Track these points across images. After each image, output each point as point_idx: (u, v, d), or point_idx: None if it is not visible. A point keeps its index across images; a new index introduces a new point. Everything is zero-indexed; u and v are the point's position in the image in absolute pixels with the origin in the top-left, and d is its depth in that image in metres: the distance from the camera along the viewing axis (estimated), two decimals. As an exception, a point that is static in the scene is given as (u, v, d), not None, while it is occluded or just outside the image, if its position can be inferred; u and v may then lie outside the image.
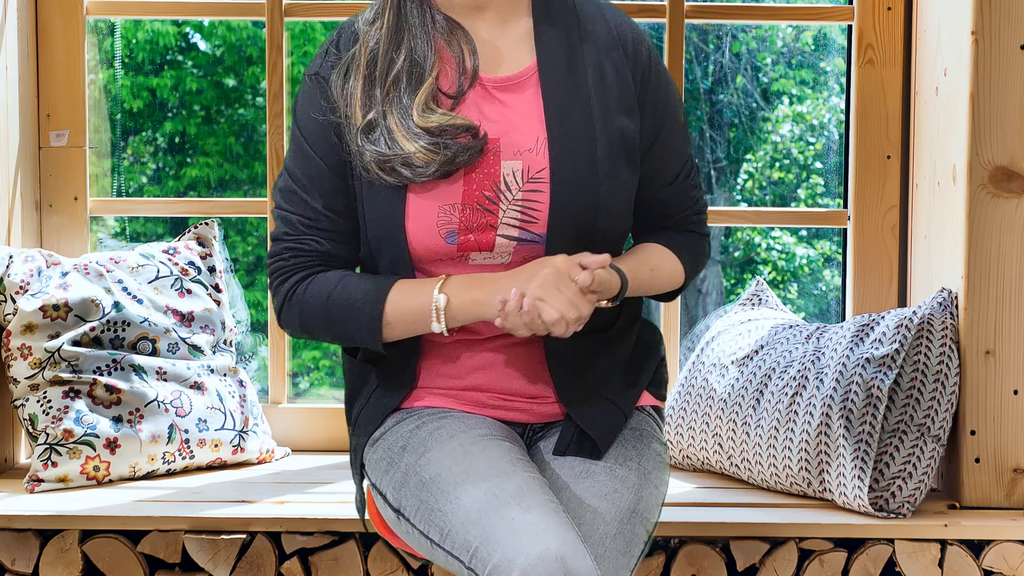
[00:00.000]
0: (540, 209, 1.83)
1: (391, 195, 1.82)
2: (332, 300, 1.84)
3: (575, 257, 1.77)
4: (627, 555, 1.72)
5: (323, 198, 1.87)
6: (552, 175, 1.82)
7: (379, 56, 1.84)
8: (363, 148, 1.81)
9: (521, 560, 1.56)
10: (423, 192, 1.82)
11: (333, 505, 2.30)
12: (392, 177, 1.80)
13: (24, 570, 2.24)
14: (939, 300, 2.36)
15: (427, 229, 1.82)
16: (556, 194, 1.82)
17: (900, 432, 2.29)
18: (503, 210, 1.83)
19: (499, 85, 1.87)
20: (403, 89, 1.82)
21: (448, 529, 1.67)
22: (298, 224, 1.88)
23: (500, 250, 1.84)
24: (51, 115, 2.76)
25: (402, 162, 1.79)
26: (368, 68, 1.84)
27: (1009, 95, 2.34)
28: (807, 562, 2.24)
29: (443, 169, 1.80)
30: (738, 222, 2.97)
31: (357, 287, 1.83)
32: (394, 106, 1.82)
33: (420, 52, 1.84)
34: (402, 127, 1.80)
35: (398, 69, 1.83)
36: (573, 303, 1.72)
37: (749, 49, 7.51)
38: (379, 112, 1.81)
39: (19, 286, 2.48)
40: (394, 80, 1.83)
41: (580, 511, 1.74)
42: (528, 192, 1.83)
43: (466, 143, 1.80)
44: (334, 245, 1.88)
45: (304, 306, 1.87)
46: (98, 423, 2.43)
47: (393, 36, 1.85)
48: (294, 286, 1.87)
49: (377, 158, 1.80)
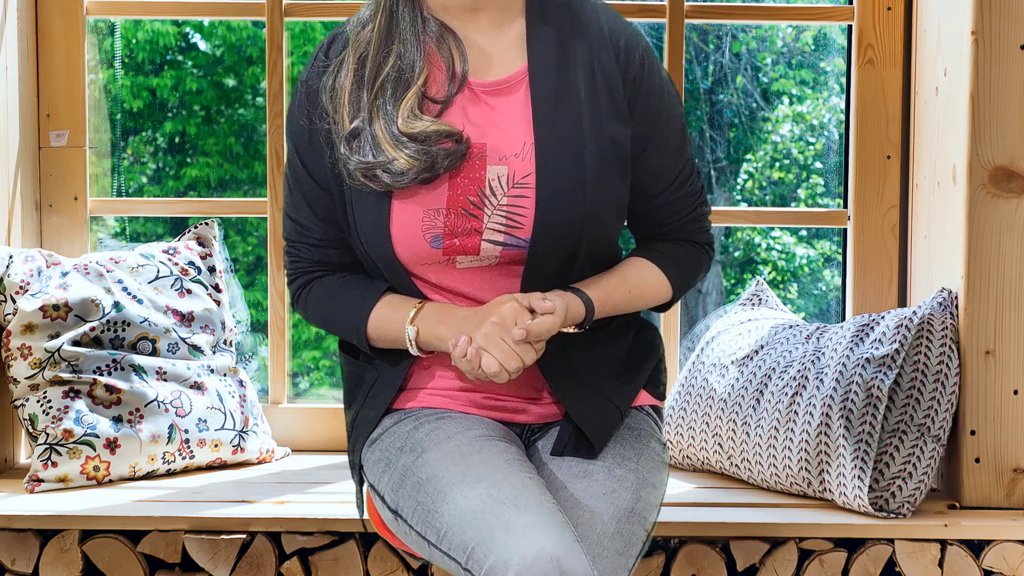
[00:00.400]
0: (525, 215, 1.82)
1: (377, 201, 1.84)
2: (326, 314, 1.96)
3: (525, 298, 1.79)
4: (625, 555, 1.72)
5: (310, 207, 1.92)
6: (538, 181, 1.81)
7: (368, 59, 1.85)
8: (348, 156, 1.83)
9: (516, 561, 1.56)
10: (407, 198, 1.83)
11: (333, 505, 2.30)
12: (374, 184, 1.82)
13: (24, 570, 2.24)
14: (939, 300, 2.36)
15: (412, 234, 1.83)
16: (541, 200, 1.81)
17: (900, 432, 2.29)
18: (488, 215, 1.83)
19: (488, 89, 1.87)
20: (389, 95, 1.83)
21: (445, 530, 1.67)
22: (293, 232, 1.96)
23: (486, 254, 1.84)
24: (51, 115, 2.76)
25: (384, 169, 1.81)
26: (357, 72, 1.85)
27: (1009, 95, 2.34)
28: (807, 562, 2.24)
29: (424, 175, 1.81)
30: (738, 222, 2.97)
31: (343, 307, 1.92)
32: (379, 112, 1.83)
33: (409, 58, 1.84)
34: (386, 134, 1.81)
35: (385, 75, 1.84)
36: (513, 355, 1.75)
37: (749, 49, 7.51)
38: (365, 118, 1.83)
39: (19, 286, 2.48)
40: (381, 86, 1.84)
41: (578, 511, 1.74)
42: (513, 198, 1.83)
43: (448, 149, 1.81)
44: (325, 252, 1.94)
45: (307, 311, 1.99)
46: (98, 423, 2.43)
47: (384, 41, 1.85)
48: (298, 290, 1.98)
49: (360, 165, 1.82)
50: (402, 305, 1.87)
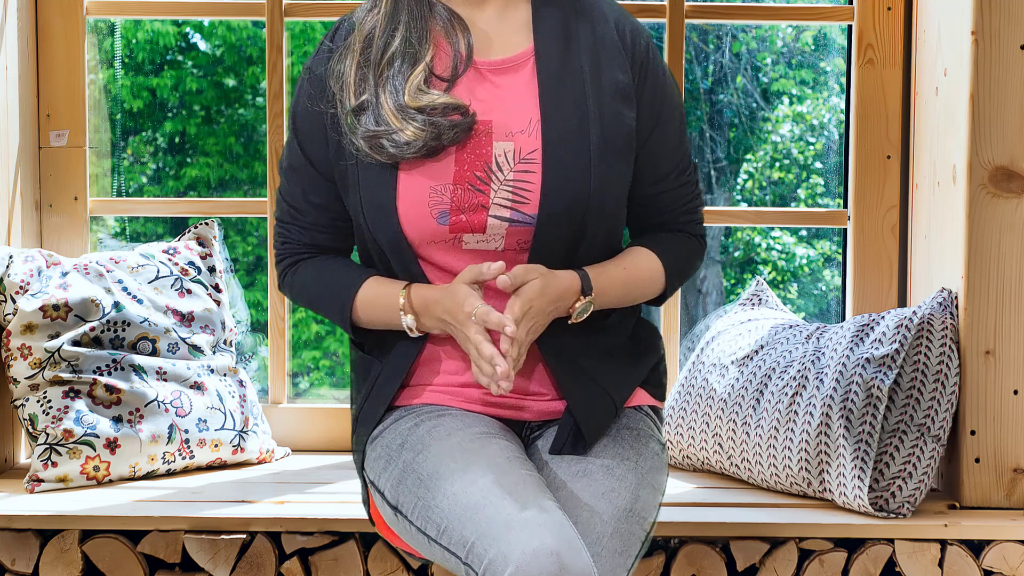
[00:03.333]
0: (532, 190, 1.84)
1: (383, 176, 1.86)
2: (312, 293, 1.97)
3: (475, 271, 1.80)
4: (624, 555, 1.72)
5: (304, 192, 1.95)
6: (544, 156, 1.84)
7: (375, 40, 1.88)
8: (354, 127, 1.85)
9: (517, 555, 1.56)
10: (414, 172, 1.85)
11: (333, 505, 2.30)
12: (380, 155, 1.84)
13: (24, 570, 2.24)
14: (939, 300, 2.36)
15: (419, 209, 1.84)
16: (548, 175, 1.84)
17: (900, 432, 2.29)
18: (494, 191, 1.84)
19: (494, 68, 1.90)
20: (396, 71, 1.87)
21: (445, 525, 1.68)
22: (285, 214, 1.99)
23: (492, 232, 1.85)
24: (51, 115, 2.76)
25: (389, 139, 1.82)
26: (363, 52, 1.88)
27: (1009, 95, 2.34)
28: (807, 562, 2.24)
29: (430, 145, 1.83)
30: (738, 222, 2.97)
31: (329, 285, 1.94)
32: (386, 87, 1.86)
33: (416, 38, 1.88)
34: (393, 106, 1.84)
35: (392, 52, 1.87)
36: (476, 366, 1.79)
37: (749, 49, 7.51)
38: (372, 93, 1.86)
39: (19, 286, 2.48)
40: (387, 63, 1.87)
41: (577, 510, 1.74)
42: (520, 173, 1.84)
43: (454, 121, 1.83)
44: (315, 236, 1.97)
45: (293, 290, 2.01)
46: (98, 423, 2.43)
47: (389, 22, 1.89)
48: (285, 270, 2.01)
49: (366, 134, 1.84)
50: (392, 282, 1.90)
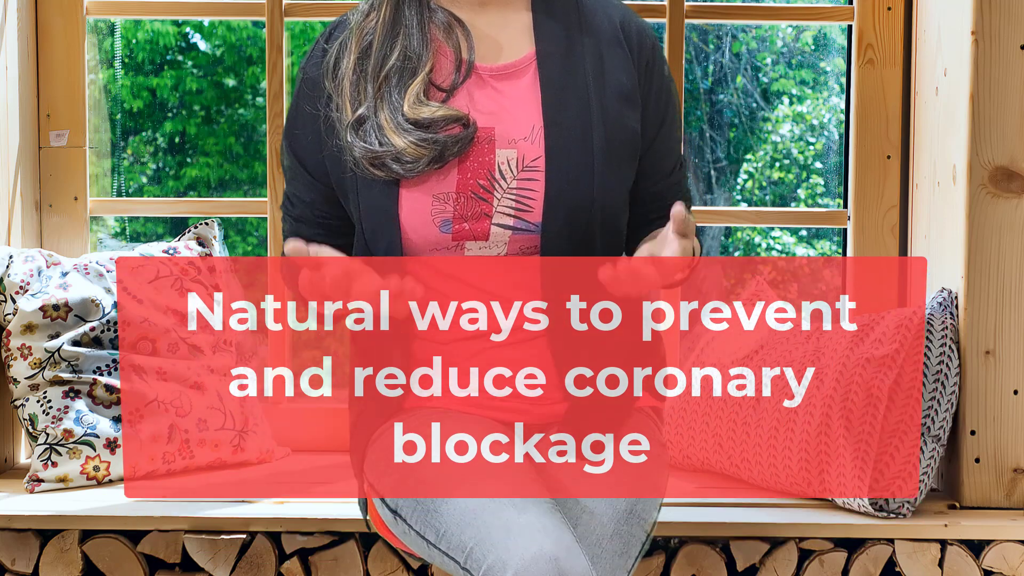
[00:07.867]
0: (535, 198, 1.83)
1: (384, 186, 1.84)
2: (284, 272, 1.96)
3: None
4: (624, 556, 1.72)
5: (296, 189, 1.97)
6: (547, 164, 1.83)
7: (373, 50, 1.85)
8: (352, 144, 1.83)
9: (515, 561, 1.56)
10: (416, 183, 1.83)
11: (333, 505, 2.30)
12: (382, 172, 1.83)
13: (24, 570, 2.24)
14: (939, 300, 2.36)
15: (421, 219, 1.83)
16: (551, 183, 1.82)
17: (900, 432, 2.29)
18: (498, 199, 1.83)
19: (496, 73, 1.88)
20: (395, 84, 1.84)
21: (444, 529, 1.67)
22: (285, 202, 2.00)
23: (495, 239, 1.85)
24: (51, 115, 2.76)
25: (392, 158, 1.81)
26: (360, 62, 1.86)
27: (1009, 95, 2.34)
28: (807, 562, 2.24)
29: (434, 163, 1.82)
30: (738, 222, 2.97)
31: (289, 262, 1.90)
32: (385, 101, 1.83)
33: (415, 48, 1.86)
34: (392, 122, 1.82)
35: (391, 65, 1.84)
36: None
37: (749, 49, 7.51)
38: (370, 107, 1.84)
39: (19, 286, 2.48)
40: (386, 76, 1.84)
41: (577, 512, 1.74)
42: (523, 180, 1.83)
43: (456, 135, 1.81)
44: (303, 229, 1.97)
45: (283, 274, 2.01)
46: (98, 423, 2.43)
47: (388, 31, 1.86)
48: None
49: (366, 154, 1.82)
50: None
